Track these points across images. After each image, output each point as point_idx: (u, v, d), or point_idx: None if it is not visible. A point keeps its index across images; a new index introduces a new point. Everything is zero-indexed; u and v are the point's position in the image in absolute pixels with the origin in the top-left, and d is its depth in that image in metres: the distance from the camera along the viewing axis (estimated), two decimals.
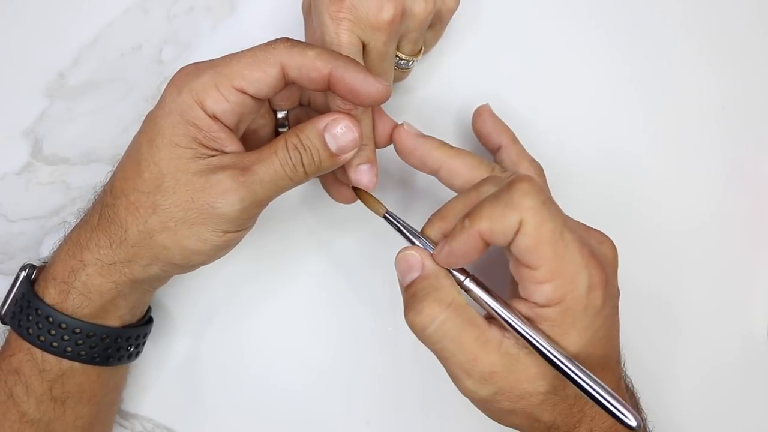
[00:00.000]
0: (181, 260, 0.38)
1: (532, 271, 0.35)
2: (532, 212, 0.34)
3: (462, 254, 0.36)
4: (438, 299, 0.36)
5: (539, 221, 0.34)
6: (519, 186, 0.35)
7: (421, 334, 0.37)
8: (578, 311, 0.35)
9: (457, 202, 0.39)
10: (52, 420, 0.39)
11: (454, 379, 0.37)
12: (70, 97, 0.50)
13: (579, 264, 0.35)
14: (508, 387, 0.36)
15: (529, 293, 0.36)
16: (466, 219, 0.36)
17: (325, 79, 0.37)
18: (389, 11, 0.40)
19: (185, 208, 0.37)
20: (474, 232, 0.35)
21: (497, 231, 0.35)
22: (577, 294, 0.35)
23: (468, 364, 0.36)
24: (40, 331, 0.38)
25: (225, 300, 0.49)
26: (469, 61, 0.52)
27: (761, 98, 0.53)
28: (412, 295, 0.37)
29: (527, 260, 0.35)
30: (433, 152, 0.42)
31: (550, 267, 0.35)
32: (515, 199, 0.34)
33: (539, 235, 0.34)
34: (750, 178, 0.52)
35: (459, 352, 0.36)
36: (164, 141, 0.37)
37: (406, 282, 0.38)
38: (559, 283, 0.35)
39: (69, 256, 0.39)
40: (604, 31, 0.53)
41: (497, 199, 0.35)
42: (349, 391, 0.48)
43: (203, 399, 0.48)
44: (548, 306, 0.35)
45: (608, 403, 0.34)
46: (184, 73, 0.38)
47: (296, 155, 0.37)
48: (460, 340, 0.36)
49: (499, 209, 0.35)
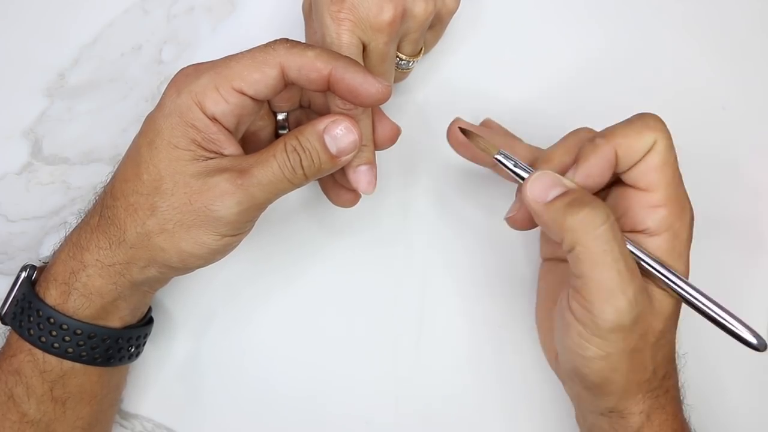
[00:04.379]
0: (178, 263, 0.38)
1: (649, 193, 0.37)
2: (666, 135, 0.37)
3: (597, 175, 0.37)
4: (604, 204, 0.35)
5: (670, 146, 0.37)
6: (651, 115, 0.38)
7: (585, 232, 0.34)
8: (683, 242, 0.37)
9: (557, 149, 0.40)
10: (52, 420, 0.39)
11: (601, 296, 0.34)
12: (70, 97, 0.50)
13: (685, 196, 0.38)
14: (643, 316, 0.35)
15: (641, 220, 0.37)
16: (599, 138, 0.37)
17: (325, 79, 0.37)
18: (390, 12, 0.40)
19: (183, 210, 0.37)
20: (610, 148, 0.36)
21: (632, 147, 0.36)
22: (684, 223, 0.37)
23: (628, 274, 0.34)
24: (42, 332, 0.38)
25: (225, 301, 0.49)
26: (469, 62, 0.52)
27: (761, 98, 0.53)
28: (574, 201, 0.35)
29: (649, 181, 0.37)
30: (493, 139, 0.42)
31: (668, 191, 0.37)
32: (650, 123, 0.37)
33: (668, 157, 0.37)
34: (750, 178, 0.52)
35: (621, 260, 0.34)
36: (163, 142, 0.37)
37: (551, 196, 0.36)
38: (673, 208, 0.37)
39: (69, 257, 0.39)
40: (604, 31, 0.53)
41: (630, 121, 0.37)
42: (349, 392, 0.48)
43: (203, 399, 0.48)
44: (658, 233, 0.36)
45: (732, 326, 0.36)
46: (183, 74, 0.38)
47: (295, 157, 0.37)
48: (623, 251, 0.35)
49: (635, 128, 0.37)
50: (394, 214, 0.50)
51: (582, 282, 0.35)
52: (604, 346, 0.35)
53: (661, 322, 0.37)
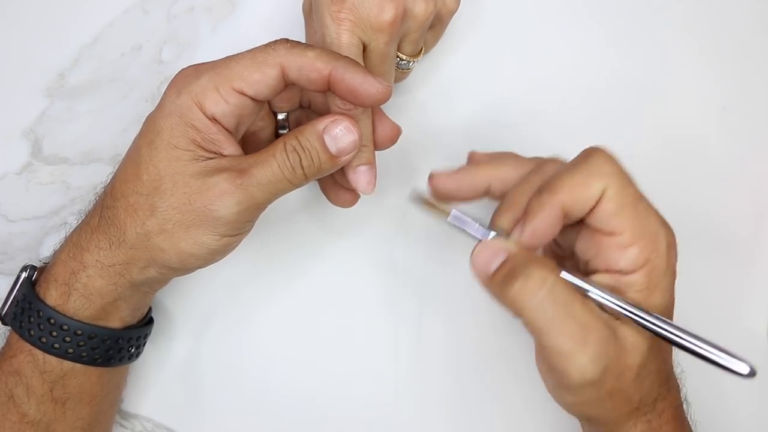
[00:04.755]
0: (177, 263, 0.38)
1: (615, 237, 0.35)
2: (615, 177, 0.35)
3: (544, 231, 0.35)
4: (542, 264, 0.34)
5: (622, 185, 0.35)
6: (597, 154, 0.36)
7: (527, 303, 0.34)
8: (661, 271, 0.35)
9: (521, 189, 0.38)
10: (52, 421, 0.39)
11: (561, 358, 0.34)
12: (70, 97, 0.50)
13: (657, 223, 0.36)
14: (614, 361, 0.34)
15: (613, 261, 0.35)
16: (544, 193, 0.35)
17: (325, 79, 0.37)
18: (390, 12, 0.40)
19: (182, 210, 0.37)
20: (555, 204, 0.35)
21: (580, 200, 0.35)
22: (660, 253, 0.35)
23: (582, 334, 0.33)
24: (42, 332, 0.38)
25: (225, 301, 0.49)
26: (469, 62, 0.52)
27: (761, 98, 0.53)
28: (510, 270, 0.34)
29: (611, 226, 0.35)
30: (476, 176, 0.41)
31: (635, 229, 0.35)
32: (596, 167, 0.35)
33: (623, 200, 0.35)
34: (750, 178, 0.52)
35: (572, 322, 0.33)
36: (163, 143, 0.37)
37: (492, 267, 0.36)
38: (643, 244, 0.35)
39: (70, 258, 0.39)
40: (604, 31, 0.53)
41: (576, 168, 0.35)
42: (349, 392, 0.48)
43: (203, 399, 0.48)
44: (634, 271, 0.35)
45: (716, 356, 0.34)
46: (183, 75, 0.38)
47: (295, 157, 0.37)
48: (572, 307, 0.33)
49: (579, 178, 0.35)
50: (394, 214, 0.50)
51: (539, 347, 0.35)
52: (579, 396, 0.35)
53: (639, 356, 0.35)
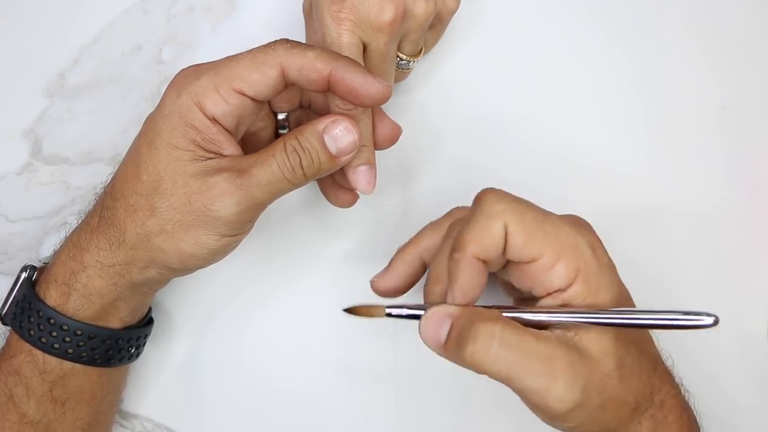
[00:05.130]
0: (177, 264, 0.38)
1: (537, 262, 0.35)
2: (510, 212, 0.35)
3: (471, 286, 0.36)
4: (485, 318, 0.34)
5: (520, 216, 0.35)
6: (486, 197, 0.36)
7: (485, 359, 0.34)
8: (596, 273, 0.36)
9: (439, 259, 0.38)
10: (52, 421, 0.39)
11: (537, 397, 0.34)
12: (70, 97, 0.50)
13: (571, 233, 0.36)
14: (589, 378, 0.34)
15: (547, 284, 0.35)
16: (454, 253, 0.36)
17: (325, 80, 0.37)
18: (390, 12, 0.40)
19: (182, 210, 0.37)
20: (468, 258, 0.35)
21: (489, 245, 0.35)
22: (586, 258, 0.35)
23: (547, 368, 0.33)
24: (42, 332, 0.38)
25: (225, 301, 0.49)
26: (469, 62, 0.52)
27: (761, 98, 0.53)
28: (458, 336, 0.35)
29: (529, 255, 0.35)
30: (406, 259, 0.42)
31: (552, 248, 0.35)
32: (489, 209, 0.35)
33: (526, 228, 0.35)
34: (750, 178, 0.52)
35: (533, 360, 0.33)
36: (163, 143, 0.37)
37: (443, 336, 0.36)
38: (566, 257, 0.35)
39: (69, 258, 0.39)
40: (604, 31, 0.53)
41: (473, 219, 0.36)
42: (349, 392, 0.48)
43: (203, 399, 0.48)
44: (570, 285, 0.35)
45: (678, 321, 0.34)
46: (183, 75, 0.38)
47: (295, 157, 0.37)
48: (527, 346, 0.34)
49: (479, 227, 0.35)
50: (394, 214, 0.50)
51: (518, 393, 0.35)
52: (572, 421, 0.35)
53: (611, 360, 0.35)
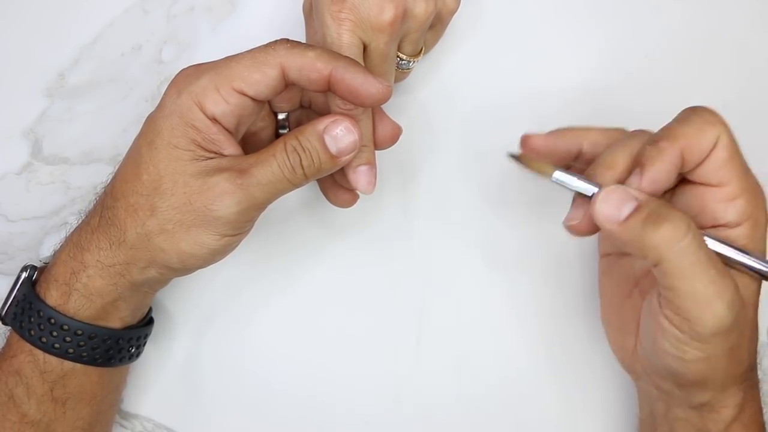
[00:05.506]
0: (177, 263, 0.38)
1: (723, 188, 0.36)
2: (726, 128, 0.36)
3: (663, 179, 0.36)
4: (677, 212, 0.34)
5: (731, 137, 0.36)
6: (705, 109, 0.37)
7: (676, 246, 0.33)
8: (763, 224, 0.36)
9: (619, 152, 0.37)
10: (52, 421, 0.39)
11: (698, 305, 0.33)
12: (70, 97, 0.50)
13: (756, 183, 0.37)
14: (741, 312, 0.34)
15: (720, 215, 0.36)
16: (662, 141, 0.36)
17: (325, 79, 0.37)
18: (391, 12, 0.40)
19: (183, 210, 0.37)
20: (674, 150, 0.35)
21: (697, 147, 0.35)
22: (761, 209, 0.36)
23: (720, 281, 0.33)
24: (42, 332, 0.38)
25: (225, 301, 0.49)
26: (469, 62, 0.52)
27: (761, 98, 0.53)
28: (650, 216, 0.34)
29: (721, 176, 0.36)
30: (569, 138, 0.41)
31: (741, 181, 0.36)
32: (707, 117, 0.36)
33: (734, 149, 0.36)
34: None
35: (712, 268, 0.33)
36: (163, 143, 0.37)
37: (624, 214, 0.34)
38: (749, 197, 0.36)
39: (70, 258, 0.39)
40: (604, 31, 0.53)
41: (688, 119, 0.36)
42: (349, 392, 0.49)
43: (203, 399, 0.48)
44: (740, 224, 0.36)
45: None
46: (184, 75, 0.38)
47: (295, 157, 0.37)
48: (710, 254, 0.34)
49: (695, 126, 0.36)
50: (394, 214, 0.50)
51: (674, 293, 0.34)
52: (706, 349, 0.35)
53: (752, 310, 0.36)
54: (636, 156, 0.37)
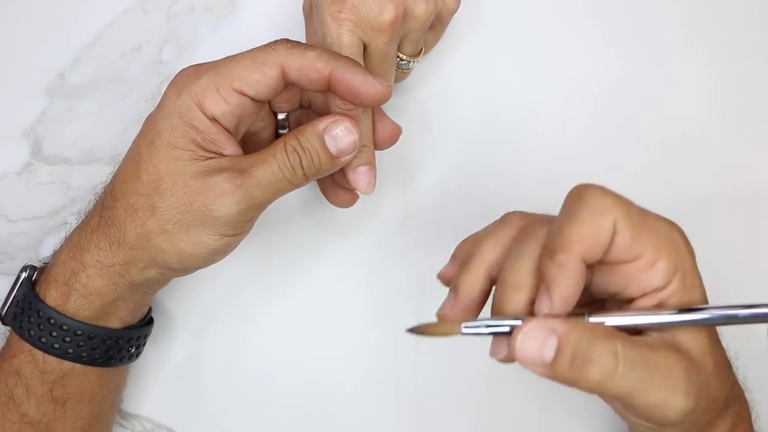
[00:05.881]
0: (177, 264, 0.38)
1: (639, 261, 0.33)
2: (617, 207, 0.32)
3: (574, 293, 0.32)
4: (601, 335, 0.32)
5: (627, 211, 0.32)
6: (591, 191, 0.33)
7: (609, 381, 0.31)
8: (690, 270, 0.34)
9: (521, 267, 0.34)
10: (52, 421, 0.39)
11: (656, 410, 0.32)
12: (70, 97, 0.50)
13: (668, 228, 0.34)
14: (700, 381, 0.32)
15: (645, 284, 0.33)
16: (558, 254, 0.32)
17: (325, 80, 0.37)
18: (391, 12, 0.40)
19: (182, 210, 0.37)
20: (575, 260, 0.32)
21: (596, 245, 0.32)
22: (683, 255, 0.34)
23: (668, 380, 0.31)
24: (42, 332, 0.38)
25: (225, 301, 0.49)
26: (469, 62, 0.52)
27: (761, 98, 0.53)
28: (574, 356, 0.31)
29: (633, 253, 0.33)
30: (467, 273, 0.37)
31: (654, 245, 0.33)
32: (597, 205, 0.32)
33: (634, 224, 0.32)
34: (750, 179, 0.52)
35: (654, 374, 0.31)
36: (163, 143, 0.37)
37: (549, 355, 0.32)
38: (666, 254, 0.33)
39: (69, 258, 0.39)
40: (604, 32, 0.53)
41: (578, 215, 0.32)
42: (349, 391, 0.48)
43: (203, 399, 0.48)
44: (668, 284, 0.33)
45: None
46: (184, 75, 0.38)
47: (295, 158, 0.37)
48: (647, 360, 0.31)
49: (588, 224, 0.32)
50: (394, 214, 0.50)
51: (630, 409, 0.33)
52: (678, 427, 0.33)
53: (710, 361, 0.33)
54: (538, 268, 0.33)
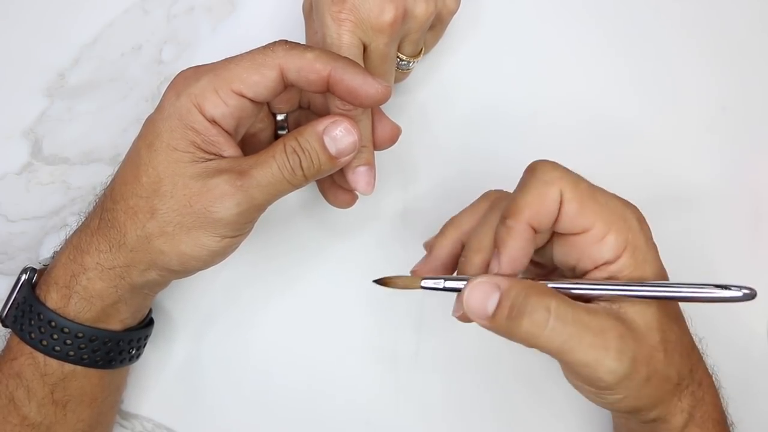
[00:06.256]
0: (178, 266, 0.38)
1: (589, 233, 0.35)
2: (565, 179, 0.35)
3: (520, 255, 0.36)
4: (539, 292, 0.34)
5: (575, 184, 0.35)
6: (541, 165, 0.36)
7: (540, 333, 0.33)
8: (643, 246, 0.36)
9: (481, 230, 0.38)
10: (53, 423, 0.39)
11: (588, 369, 0.34)
12: (70, 97, 0.50)
13: (621, 206, 0.36)
14: (638, 350, 0.34)
15: (595, 256, 0.36)
16: (508, 219, 0.35)
17: (324, 80, 0.37)
18: (391, 13, 0.40)
19: (182, 212, 0.37)
20: (522, 226, 0.35)
21: (544, 212, 0.35)
22: (634, 231, 0.36)
23: (600, 340, 0.33)
24: (43, 335, 0.38)
25: (225, 302, 0.49)
26: (469, 62, 0.52)
27: (761, 98, 0.53)
28: (510, 309, 0.34)
29: (581, 224, 0.35)
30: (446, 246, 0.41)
31: (603, 218, 0.35)
32: (545, 176, 0.35)
33: (582, 196, 0.35)
34: (750, 179, 0.52)
35: (587, 333, 0.33)
36: (162, 145, 0.37)
37: (490, 308, 0.34)
38: (616, 228, 0.35)
39: (70, 260, 0.39)
40: (604, 32, 0.53)
41: (527, 185, 0.36)
42: (349, 392, 0.49)
43: (203, 399, 0.48)
44: (619, 256, 0.35)
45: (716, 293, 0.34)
46: (183, 77, 0.38)
47: (295, 159, 0.37)
48: (581, 320, 0.33)
49: (535, 192, 0.35)
50: (394, 215, 0.50)
51: (564, 364, 0.35)
52: (619, 393, 0.35)
53: (656, 334, 0.35)
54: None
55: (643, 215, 0.37)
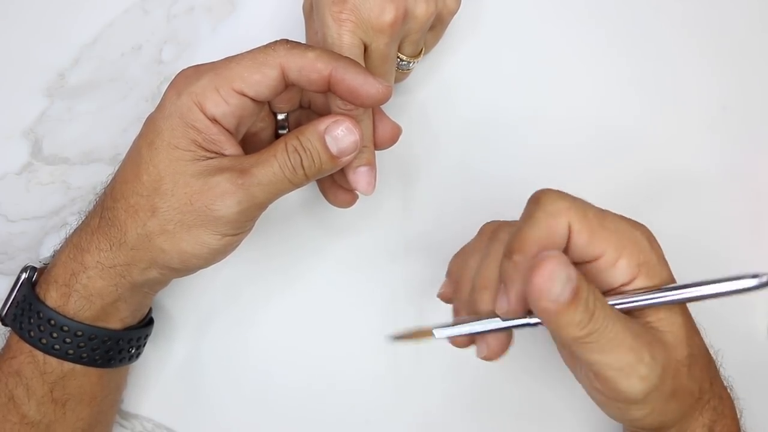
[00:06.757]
0: (179, 264, 0.38)
1: (600, 260, 0.34)
2: (573, 210, 0.34)
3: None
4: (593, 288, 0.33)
5: (583, 213, 0.34)
6: (545, 196, 0.34)
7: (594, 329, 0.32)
8: (655, 265, 0.35)
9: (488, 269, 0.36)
10: (52, 422, 0.39)
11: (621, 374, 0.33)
12: (70, 97, 0.50)
13: (630, 228, 0.35)
14: (667, 362, 0.34)
15: (609, 281, 0.35)
16: (515, 254, 0.34)
17: (325, 80, 0.37)
18: (391, 13, 0.40)
19: (183, 211, 0.37)
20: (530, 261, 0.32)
21: (552, 246, 0.33)
22: (645, 251, 0.35)
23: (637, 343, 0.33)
24: (42, 333, 0.38)
25: (225, 301, 0.49)
26: (469, 62, 0.52)
27: (761, 98, 0.53)
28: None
29: (592, 253, 0.34)
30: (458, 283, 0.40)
31: (614, 244, 0.34)
32: (552, 207, 0.34)
33: (591, 225, 0.34)
34: (750, 178, 0.52)
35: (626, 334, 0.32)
36: (163, 143, 0.37)
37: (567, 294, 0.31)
38: (628, 252, 0.34)
39: (70, 259, 0.39)
40: (604, 32, 0.53)
41: (533, 219, 0.34)
42: (349, 392, 0.49)
43: (203, 399, 0.48)
44: (634, 278, 0.34)
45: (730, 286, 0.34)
46: (184, 75, 0.38)
47: (296, 158, 0.37)
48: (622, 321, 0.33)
49: (543, 225, 0.33)
50: (394, 215, 0.50)
51: (597, 367, 0.33)
52: (646, 407, 0.34)
53: (683, 348, 0.35)
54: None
55: (652, 234, 0.36)
